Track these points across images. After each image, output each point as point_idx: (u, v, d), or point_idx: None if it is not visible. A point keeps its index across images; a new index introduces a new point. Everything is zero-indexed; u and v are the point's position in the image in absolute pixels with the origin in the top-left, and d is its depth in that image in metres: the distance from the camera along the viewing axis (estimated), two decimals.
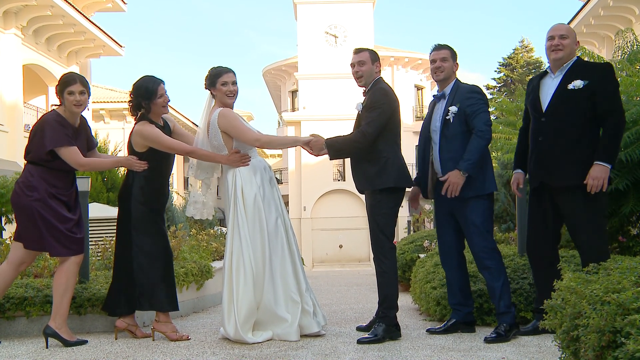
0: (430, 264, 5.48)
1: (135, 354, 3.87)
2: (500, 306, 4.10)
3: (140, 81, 4.36)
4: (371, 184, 4.24)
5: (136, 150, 4.34)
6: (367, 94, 4.32)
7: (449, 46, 4.33)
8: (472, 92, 4.19)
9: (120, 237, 4.36)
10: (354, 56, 4.38)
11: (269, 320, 4.19)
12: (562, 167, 3.89)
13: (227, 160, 4.32)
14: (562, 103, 3.92)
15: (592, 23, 17.96)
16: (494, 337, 3.96)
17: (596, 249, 3.81)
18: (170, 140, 4.35)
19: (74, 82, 4.20)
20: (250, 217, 4.24)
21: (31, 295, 4.56)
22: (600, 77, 3.87)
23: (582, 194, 3.82)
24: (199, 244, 7.87)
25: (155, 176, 4.37)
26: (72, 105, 4.20)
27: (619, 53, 5.92)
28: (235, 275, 4.16)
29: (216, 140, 4.35)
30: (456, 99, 4.19)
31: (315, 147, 4.31)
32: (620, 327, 1.95)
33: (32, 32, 16.35)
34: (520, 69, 39.57)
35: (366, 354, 3.71)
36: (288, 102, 33.84)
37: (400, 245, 8.99)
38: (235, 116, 4.34)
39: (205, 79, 4.43)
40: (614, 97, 3.87)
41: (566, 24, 4.08)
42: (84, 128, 4.37)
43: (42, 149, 4.10)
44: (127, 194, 4.32)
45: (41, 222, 4.09)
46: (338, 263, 27.24)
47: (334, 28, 29.32)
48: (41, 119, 4.26)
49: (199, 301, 6.17)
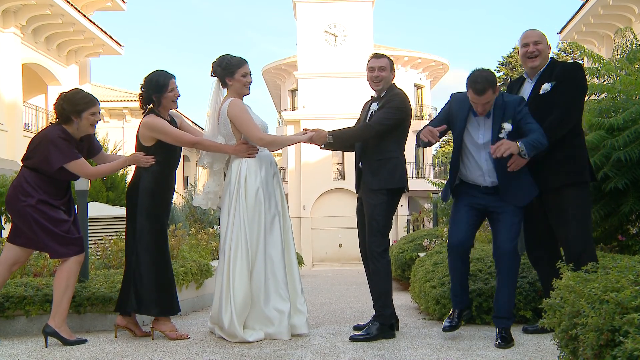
0: (430, 263, 5.48)
1: (135, 353, 3.87)
2: (506, 310, 3.96)
3: (152, 74, 4.39)
4: (385, 183, 4.27)
5: (144, 144, 4.35)
6: (384, 96, 4.37)
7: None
8: (521, 104, 3.92)
9: (129, 235, 4.34)
10: (375, 60, 4.41)
11: (257, 318, 4.19)
12: (542, 170, 3.93)
13: (234, 150, 4.33)
14: (536, 108, 3.95)
15: (592, 22, 17.97)
16: (502, 343, 3.81)
17: (580, 245, 3.83)
18: (177, 131, 4.36)
19: (96, 104, 4.31)
20: (251, 208, 4.24)
21: (31, 294, 4.56)
22: (563, 77, 3.91)
23: (563, 193, 3.87)
24: (199, 243, 7.88)
25: (163, 170, 4.37)
26: (90, 126, 4.29)
27: (618, 52, 5.92)
28: (233, 263, 4.17)
29: (225, 129, 4.36)
30: (506, 114, 3.89)
31: (319, 140, 4.34)
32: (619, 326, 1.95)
33: (32, 31, 16.34)
34: (520, 68, 39.55)
35: (365, 353, 3.72)
36: (287, 101, 33.83)
37: (400, 244, 8.99)
38: (245, 109, 4.34)
39: (218, 66, 4.37)
40: (569, 95, 3.86)
41: (537, 30, 4.09)
42: (86, 139, 4.39)
43: (48, 167, 4.13)
44: (136, 191, 4.32)
45: (36, 226, 4.10)
46: (337, 262, 27.25)
47: (333, 27, 29.29)
48: (45, 133, 4.24)
49: (198, 300, 6.18)
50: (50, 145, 4.14)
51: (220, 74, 4.37)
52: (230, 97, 4.38)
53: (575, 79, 3.91)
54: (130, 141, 4.58)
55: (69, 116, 4.21)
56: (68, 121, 4.23)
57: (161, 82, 4.33)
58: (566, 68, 3.98)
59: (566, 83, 3.89)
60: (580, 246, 3.83)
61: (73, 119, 4.21)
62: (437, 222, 10.40)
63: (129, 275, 4.28)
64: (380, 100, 4.38)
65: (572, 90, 3.90)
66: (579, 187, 3.90)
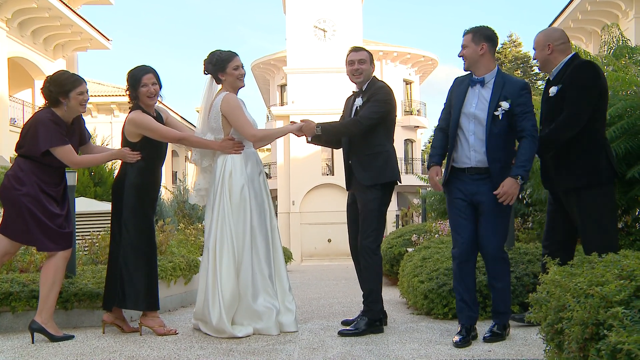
0: (418, 258, 5.50)
1: (123, 348, 3.86)
2: (501, 306, 3.94)
3: (133, 69, 4.37)
4: (377, 178, 4.26)
5: (129, 140, 4.33)
6: (367, 90, 4.35)
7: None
8: (524, 90, 3.83)
9: (114, 232, 4.33)
10: (354, 54, 4.40)
11: (245, 314, 4.19)
12: (560, 169, 3.94)
13: (219, 146, 4.32)
14: (548, 110, 4.03)
15: (580, 18, 18.07)
16: (490, 336, 3.82)
17: (595, 249, 3.70)
18: (162, 127, 4.34)
19: (82, 82, 4.25)
20: (236, 205, 4.23)
21: (17, 290, 4.52)
22: (570, 78, 3.89)
23: (579, 195, 3.84)
24: (187, 239, 7.86)
25: (149, 166, 4.35)
26: (79, 106, 4.22)
27: (605, 48, 5.95)
28: (219, 259, 4.16)
29: (215, 123, 4.33)
30: (505, 93, 3.82)
31: (308, 130, 4.34)
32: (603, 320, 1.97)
33: (17, 24, 16.17)
34: (509, 64, 39.71)
35: (354, 348, 3.72)
36: (277, 96, 33.76)
37: (389, 239, 9.01)
38: (239, 105, 4.33)
39: (209, 63, 4.36)
40: (573, 96, 3.84)
41: (538, 34, 4.08)
42: (77, 124, 4.36)
43: (36, 149, 4.09)
44: (121, 186, 4.30)
45: (29, 217, 4.06)
46: (327, 257, 27.30)
47: (322, 22, 29.26)
48: (34, 117, 4.22)
49: (186, 296, 6.16)
50: (40, 126, 4.11)
51: (212, 70, 4.36)
52: (224, 91, 4.36)
53: (578, 79, 3.86)
54: (119, 136, 4.55)
55: (57, 98, 4.17)
56: (57, 104, 4.19)
57: (136, 77, 4.31)
58: (573, 69, 3.92)
59: (571, 84, 3.86)
60: (595, 250, 3.49)
61: (61, 101, 4.17)
62: (425, 217, 10.42)
63: (115, 271, 4.26)
64: (363, 94, 4.36)
65: (576, 90, 3.84)
66: (593, 189, 3.82)
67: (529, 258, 4.88)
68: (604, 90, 3.92)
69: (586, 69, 3.91)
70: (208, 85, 4.42)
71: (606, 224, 3.84)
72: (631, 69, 5.04)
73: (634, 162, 4.52)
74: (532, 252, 4.99)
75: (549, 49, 3.98)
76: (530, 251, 5.03)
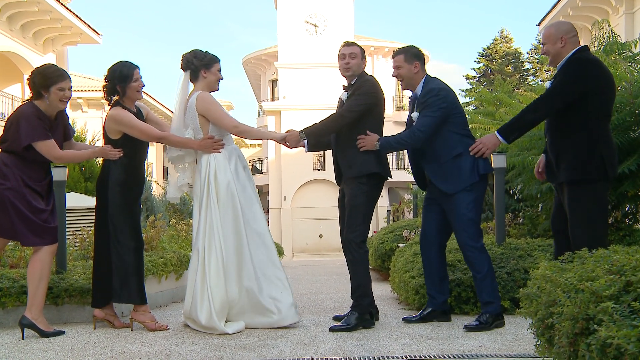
0: (409, 254, 5.51)
1: (114, 344, 3.85)
2: (483, 296, 4.09)
3: (116, 65, 4.36)
4: (359, 170, 4.25)
5: (111, 137, 4.33)
6: (354, 84, 4.34)
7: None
8: (426, 96, 4.17)
9: (99, 228, 4.33)
10: (346, 48, 4.39)
11: (250, 309, 4.19)
12: (556, 165, 3.94)
13: (199, 145, 4.30)
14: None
15: (570, 14, 18.12)
16: (475, 325, 3.99)
17: (582, 245, 3.74)
18: (142, 125, 4.33)
19: (66, 79, 4.20)
20: (223, 204, 4.22)
21: (7, 286, 4.50)
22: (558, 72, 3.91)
23: (567, 189, 3.83)
24: (178, 234, 7.84)
25: (132, 162, 4.34)
26: (59, 102, 4.18)
27: (595, 44, 5.97)
28: (207, 262, 4.15)
29: (192, 123, 4.32)
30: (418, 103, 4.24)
31: (292, 140, 4.36)
32: (593, 315, 1.98)
33: (7, 18, 16.04)
34: (500, 60, 39.82)
35: (345, 343, 3.73)
36: (268, 91, 33.70)
37: (380, 234, 9.03)
38: (214, 101, 4.33)
39: (194, 57, 4.35)
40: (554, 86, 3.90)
41: (547, 27, 4.08)
42: (61, 119, 4.32)
43: (18, 143, 4.06)
44: (105, 183, 4.30)
45: (13, 211, 4.04)
46: (318, 253, 27.33)
47: (314, 17, 29.20)
48: (17, 111, 4.19)
49: (178, 291, 6.15)
50: (22, 120, 4.08)
51: (197, 64, 4.33)
52: (198, 90, 4.34)
53: (564, 74, 3.82)
54: None
55: (39, 90, 4.14)
56: (39, 96, 4.15)
57: (125, 73, 4.31)
58: (565, 61, 3.86)
59: (557, 75, 3.87)
60: (581, 245, 3.40)
61: (43, 94, 4.14)
62: (417, 212, 10.45)
63: (105, 268, 4.27)
64: (350, 88, 4.37)
65: (558, 81, 3.84)
66: (582, 185, 3.78)
67: (519, 253, 4.89)
68: (597, 89, 3.79)
69: (571, 63, 3.83)
70: (183, 82, 4.40)
71: (594, 220, 3.81)
72: (621, 65, 5.06)
73: (623, 157, 4.55)
74: (523, 248, 5.00)
75: (562, 42, 3.87)
76: (521, 246, 5.04)
